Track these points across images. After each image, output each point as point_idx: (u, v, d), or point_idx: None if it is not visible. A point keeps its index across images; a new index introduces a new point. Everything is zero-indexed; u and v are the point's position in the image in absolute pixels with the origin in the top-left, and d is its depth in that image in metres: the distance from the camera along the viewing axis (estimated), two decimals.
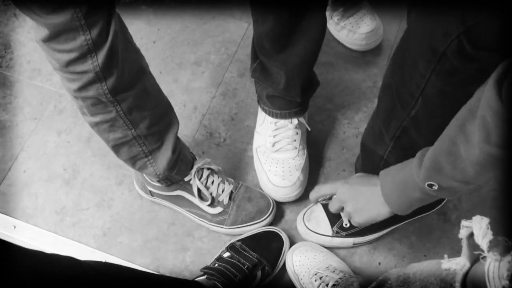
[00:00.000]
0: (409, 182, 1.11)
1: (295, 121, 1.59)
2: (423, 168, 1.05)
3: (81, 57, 1.09)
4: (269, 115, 1.60)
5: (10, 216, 1.64)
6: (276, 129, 1.60)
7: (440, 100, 1.09)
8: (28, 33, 1.92)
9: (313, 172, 1.66)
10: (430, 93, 1.09)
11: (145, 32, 1.91)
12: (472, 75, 0.99)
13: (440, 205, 1.56)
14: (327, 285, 1.40)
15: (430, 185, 1.05)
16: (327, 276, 1.42)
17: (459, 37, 0.95)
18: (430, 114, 1.15)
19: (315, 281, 1.43)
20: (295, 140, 1.60)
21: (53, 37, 1.07)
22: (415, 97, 1.13)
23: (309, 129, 1.63)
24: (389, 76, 1.23)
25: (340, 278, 1.40)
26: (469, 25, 0.92)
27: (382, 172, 1.19)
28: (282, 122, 1.59)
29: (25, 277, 0.92)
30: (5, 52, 1.90)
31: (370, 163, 1.43)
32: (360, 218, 1.26)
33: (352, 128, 1.73)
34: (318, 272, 1.44)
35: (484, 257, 0.88)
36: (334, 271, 1.43)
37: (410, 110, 1.16)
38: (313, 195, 1.39)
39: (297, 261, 1.49)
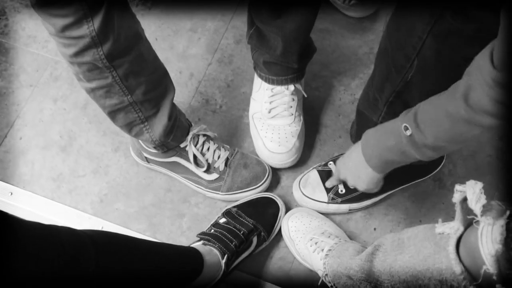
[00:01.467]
0: (387, 126, 1.16)
1: (291, 87, 1.59)
2: (409, 114, 1.08)
3: (77, 22, 1.09)
4: (266, 81, 1.60)
5: (7, 182, 1.65)
6: (272, 96, 1.60)
7: (435, 63, 1.09)
8: None
9: (309, 138, 1.67)
10: (426, 55, 1.09)
11: None
12: (470, 36, 0.99)
13: (436, 170, 1.57)
14: (322, 250, 1.41)
15: (406, 128, 1.07)
16: (322, 241, 1.43)
17: None
18: (424, 78, 1.15)
19: (311, 246, 1.44)
20: (291, 107, 1.60)
21: (48, 2, 1.06)
22: (410, 59, 1.13)
23: (306, 95, 1.63)
24: (386, 40, 1.23)
25: (336, 243, 1.41)
26: None
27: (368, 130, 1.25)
28: (278, 88, 1.59)
29: (25, 251, 0.92)
30: (0, 18, 1.88)
31: (364, 129, 1.43)
32: (362, 185, 1.31)
33: (348, 94, 1.73)
34: (314, 238, 1.45)
35: (478, 221, 0.89)
36: (329, 237, 1.44)
37: (405, 74, 1.17)
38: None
39: (293, 226, 1.50)
